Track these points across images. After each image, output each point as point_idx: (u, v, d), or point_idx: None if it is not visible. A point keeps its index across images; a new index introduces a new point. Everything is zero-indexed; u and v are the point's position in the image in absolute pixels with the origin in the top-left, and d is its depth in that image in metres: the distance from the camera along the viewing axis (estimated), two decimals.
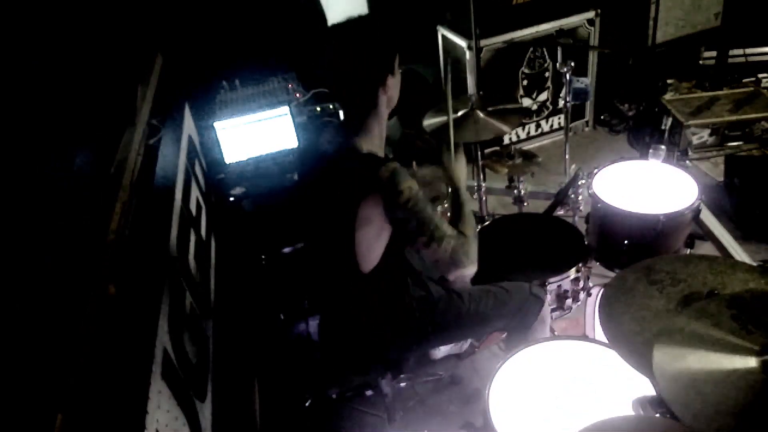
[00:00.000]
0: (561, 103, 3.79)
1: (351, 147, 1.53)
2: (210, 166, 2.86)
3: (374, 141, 1.57)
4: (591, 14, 3.57)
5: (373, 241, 1.53)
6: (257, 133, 2.74)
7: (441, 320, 1.79)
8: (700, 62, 3.96)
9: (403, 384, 2.31)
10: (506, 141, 3.83)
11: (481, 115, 2.41)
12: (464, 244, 1.55)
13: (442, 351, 2.34)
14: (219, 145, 2.71)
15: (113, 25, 2.27)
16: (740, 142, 3.37)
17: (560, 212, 2.55)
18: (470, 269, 1.56)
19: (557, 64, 3.17)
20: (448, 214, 2.33)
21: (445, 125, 2.43)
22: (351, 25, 1.53)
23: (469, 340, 2.34)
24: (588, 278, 2.23)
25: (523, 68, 3.62)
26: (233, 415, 1.97)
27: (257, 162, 2.78)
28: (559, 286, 2.14)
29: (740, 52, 3.75)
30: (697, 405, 0.94)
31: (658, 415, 1.14)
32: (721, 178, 3.25)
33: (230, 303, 2.43)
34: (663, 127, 3.23)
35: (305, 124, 2.83)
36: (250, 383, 2.30)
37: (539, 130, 3.94)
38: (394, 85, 1.55)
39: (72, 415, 1.02)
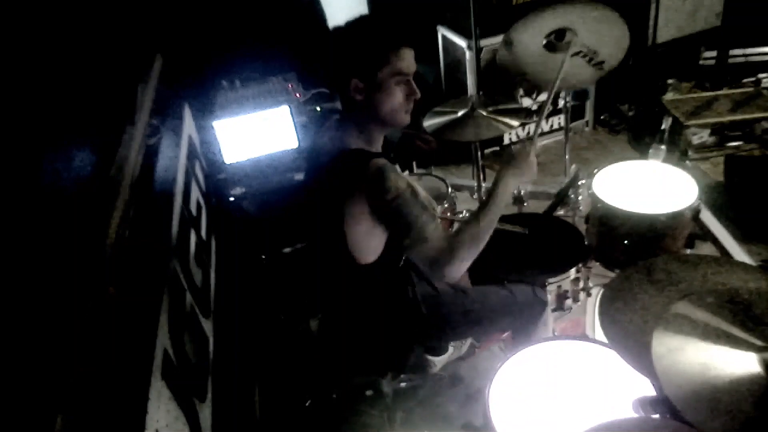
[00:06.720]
0: (561, 103, 3.80)
1: (341, 144, 1.53)
2: (210, 166, 2.86)
3: (370, 141, 1.56)
4: None
5: (365, 236, 1.52)
6: (257, 133, 2.74)
7: (446, 316, 1.79)
8: (700, 62, 3.96)
9: (403, 384, 2.31)
10: (506, 141, 3.83)
11: (482, 114, 2.41)
12: (452, 249, 1.46)
13: (440, 361, 2.34)
14: (219, 145, 2.71)
15: (113, 25, 2.27)
16: (740, 142, 3.38)
17: (560, 212, 2.55)
18: (453, 271, 1.47)
19: None
20: (448, 213, 2.35)
21: (446, 125, 2.44)
22: (351, 21, 1.51)
23: (470, 341, 2.34)
24: (588, 278, 2.23)
25: None
26: (233, 415, 1.97)
27: (257, 162, 2.78)
28: (559, 287, 2.14)
29: (740, 52, 3.75)
30: (695, 396, 0.94)
31: (657, 415, 1.14)
32: (721, 178, 3.25)
33: (230, 303, 2.43)
34: (663, 127, 3.23)
35: (305, 124, 2.83)
36: (250, 383, 2.30)
37: (539, 130, 3.94)
38: (370, 91, 1.47)
39: (72, 416, 1.02)
